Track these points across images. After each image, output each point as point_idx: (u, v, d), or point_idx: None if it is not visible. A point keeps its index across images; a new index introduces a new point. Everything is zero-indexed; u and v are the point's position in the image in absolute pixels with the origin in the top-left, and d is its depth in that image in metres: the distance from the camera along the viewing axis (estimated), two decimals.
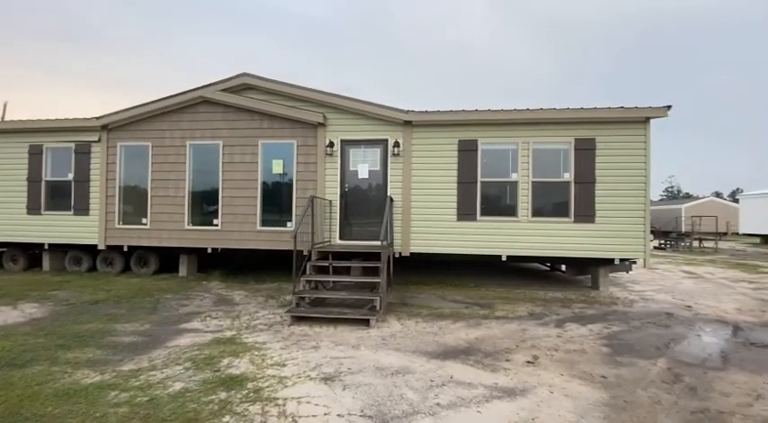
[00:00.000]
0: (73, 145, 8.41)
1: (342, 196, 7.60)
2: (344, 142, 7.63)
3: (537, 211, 7.19)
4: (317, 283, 6.20)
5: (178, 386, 3.19)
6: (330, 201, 7.55)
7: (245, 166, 7.82)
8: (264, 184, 7.84)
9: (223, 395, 3.04)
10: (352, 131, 7.60)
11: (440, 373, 3.55)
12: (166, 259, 8.73)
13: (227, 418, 2.71)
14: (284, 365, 3.68)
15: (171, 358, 3.82)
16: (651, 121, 6.96)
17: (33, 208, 8.56)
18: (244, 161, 7.82)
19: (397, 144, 7.38)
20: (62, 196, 8.50)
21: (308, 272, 6.05)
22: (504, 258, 7.25)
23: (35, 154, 8.56)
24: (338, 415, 2.78)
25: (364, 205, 7.59)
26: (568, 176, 7.13)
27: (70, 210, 8.43)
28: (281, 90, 7.69)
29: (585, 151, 7.08)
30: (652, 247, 11.21)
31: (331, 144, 7.53)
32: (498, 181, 7.34)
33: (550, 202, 7.23)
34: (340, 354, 4.03)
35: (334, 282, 6.46)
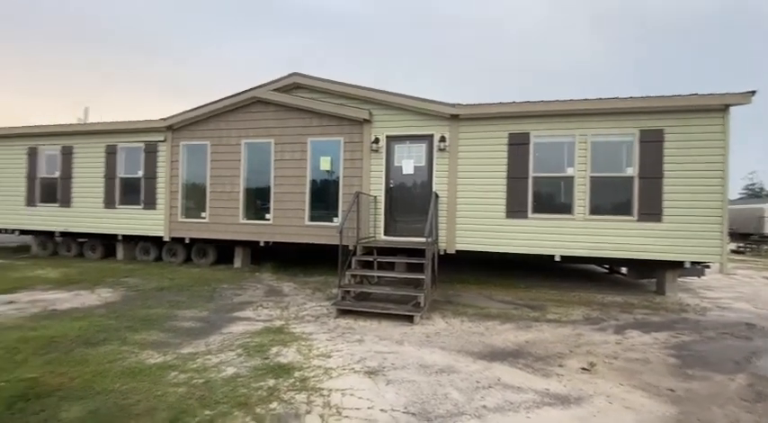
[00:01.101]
0: (143, 145, 9.17)
1: (387, 192, 7.60)
2: (390, 138, 7.61)
3: (595, 209, 6.71)
4: (361, 277, 6.25)
5: (230, 371, 3.35)
6: (375, 197, 7.58)
7: (294, 164, 8.08)
8: (312, 180, 8.04)
9: (271, 382, 3.14)
10: (398, 127, 7.56)
11: (486, 375, 3.42)
12: (223, 251, 9.28)
13: (274, 404, 2.79)
14: (329, 357, 3.74)
15: (225, 344, 4.04)
16: (731, 108, 6.21)
17: (109, 202, 9.46)
18: (294, 158, 8.08)
19: (443, 139, 7.24)
20: (133, 192, 9.31)
21: (353, 266, 6.12)
22: (557, 259, 6.85)
23: (111, 153, 9.44)
24: (381, 410, 2.77)
25: (409, 201, 7.53)
26: (632, 171, 6.57)
27: (140, 204, 9.21)
28: (329, 88, 7.83)
29: (652, 143, 6.48)
30: (729, 251, 10.06)
31: (376, 140, 7.55)
32: (552, 176, 6.94)
33: (610, 199, 6.71)
34: (384, 348, 4.02)
35: (378, 277, 6.48)
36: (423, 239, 7.05)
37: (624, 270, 8.67)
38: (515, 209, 6.97)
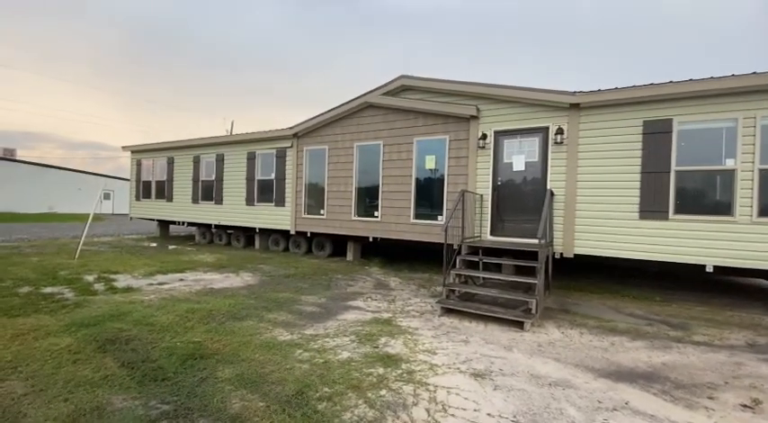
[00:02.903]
0: (274, 151, 10.57)
1: (494, 190, 7.31)
2: (498, 133, 7.29)
3: (766, 210, 5.36)
4: (466, 277, 6.17)
5: (345, 355, 3.67)
6: (481, 195, 7.36)
7: (401, 163, 8.35)
8: (418, 179, 8.20)
9: (380, 370, 3.35)
10: (507, 121, 7.19)
11: (610, 396, 3.06)
12: (338, 245, 10.15)
13: (383, 391, 2.98)
14: (434, 353, 3.81)
15: (340, 329, 4.43)
16: None
17: (249, 200, 11.17)
18: (400, 158, 8.36)
19: (560, 131, 6.63)
20: (267, 191, 10.81)
21: (457, 265, 6.07)
22: (709, 269, 5.69)
23: (251, 159, 11.12)
24: (488, 414, 2.72)
25: (519, 200, 7.11)
26: None
27: (272, 202, 10.65)
28: (435, 87, 7.87)
29: None
30: None
31: (484, 136, 7.32)
32: (704, 169, 5.77)
33: None
34: (490, 352, 3.91)
35: (484, 278, 6.30)
36: (533, 241, 6.63)
37: None
38: (652, 208, 6.00)
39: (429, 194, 8.07)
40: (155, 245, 12.40)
